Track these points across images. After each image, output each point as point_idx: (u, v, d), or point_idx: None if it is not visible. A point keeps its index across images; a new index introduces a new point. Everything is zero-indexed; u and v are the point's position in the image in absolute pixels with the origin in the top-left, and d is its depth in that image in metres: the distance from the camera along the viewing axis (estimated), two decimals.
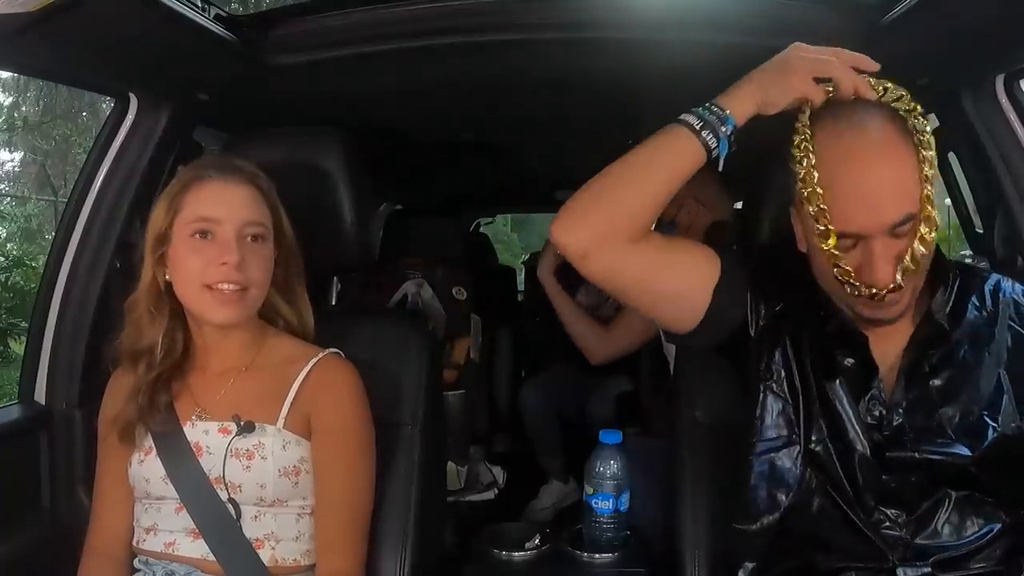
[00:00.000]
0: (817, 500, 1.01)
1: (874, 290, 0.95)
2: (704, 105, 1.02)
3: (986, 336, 1.02)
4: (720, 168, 1.03)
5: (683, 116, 1.03)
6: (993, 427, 0.98)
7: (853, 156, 0.95)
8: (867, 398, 1.02)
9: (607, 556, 1.47)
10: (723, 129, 1.00)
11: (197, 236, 1.11)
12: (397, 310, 2.30)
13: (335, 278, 1.78)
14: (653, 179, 1.02)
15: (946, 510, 0.98)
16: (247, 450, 1.11)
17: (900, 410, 1.01)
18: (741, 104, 1.01)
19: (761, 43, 1.32)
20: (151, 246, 1.13)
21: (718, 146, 1.01)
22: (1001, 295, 1.05)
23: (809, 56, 1.00)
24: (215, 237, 1.11)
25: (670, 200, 1.04)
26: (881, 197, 0.94)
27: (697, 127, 1.00)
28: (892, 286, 0.95)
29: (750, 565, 1.08)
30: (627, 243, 1.01)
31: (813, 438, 1.02)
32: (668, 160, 1.02)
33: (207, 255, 1.10)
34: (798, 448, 1.03)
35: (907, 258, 0.95)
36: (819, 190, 0.96)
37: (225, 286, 1.10)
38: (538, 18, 1.31)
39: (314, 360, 1.17)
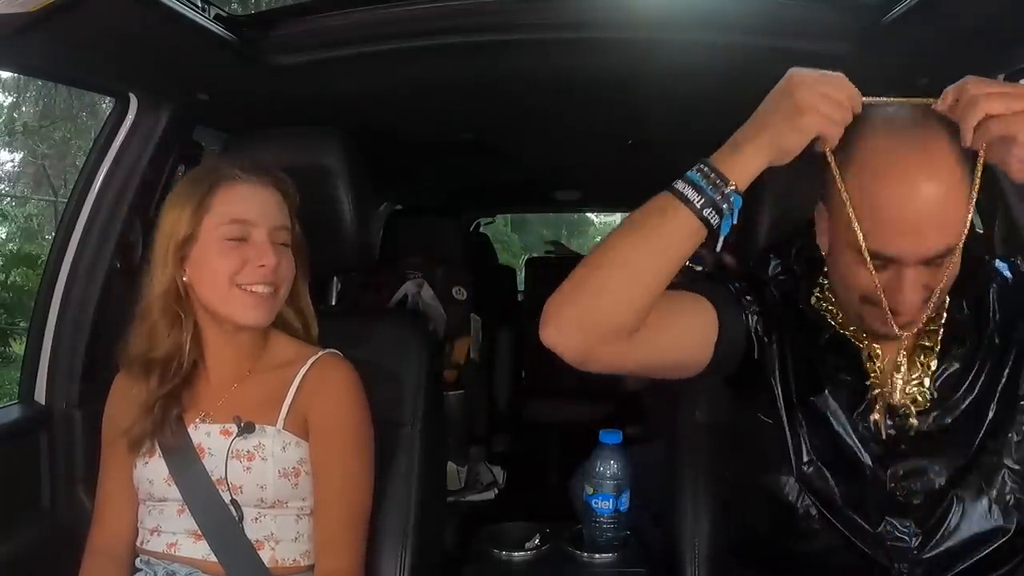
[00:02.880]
0: (816, 519, 1.00)
1: (897, 315, 0.91)
2: (702, 169, 0.89)
3: (985, 328, 1.00)
4: (719, 247, 0.92)
5: (679, 186, 0.89)
6: (995, 410, 0.97)
7: (904, 176, 0.86)
8: (863, 408, 1.00)
9: (607, 556, 1.47)
10: (726, 207, 0.88)
11: (232, 238, 1.11)
12: (397, 310, 2.30)
13: (335, 278, 1.78)
14: (648, 268, 0.89)
15: (953, 519, 0.97)
16: (247, 451, 1.12)
17: (899, 414, 0.99)
18: (748, 166, 0.88)
19: (761, 43, 1.33)
20: (173, 248, 1.11)
21: (720, 224, 0.89)
22: (995, 283, 1.02)
23: (815, 85, 0.87)
24: (249, 239, 1.11)
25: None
26: (924, 225, 0.86)
27: (698, 205, 0.87)
28: (915, 312, 0.90)
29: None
30: (627, 339, 0.92)
31: (808, 458, 1.00)
32: (664, 244, 0.89)
33: (243, 256, 1.10)
34: (793, 468, 1.01)
35: (937, 289, 0.90)
36: (856, 202, 0.88)
37: (259, 288, 1.11)
38: (538, 18, 1.31)
39: (312, 360, 1.17)
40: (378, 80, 1.54)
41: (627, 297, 0.90)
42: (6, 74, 9.50)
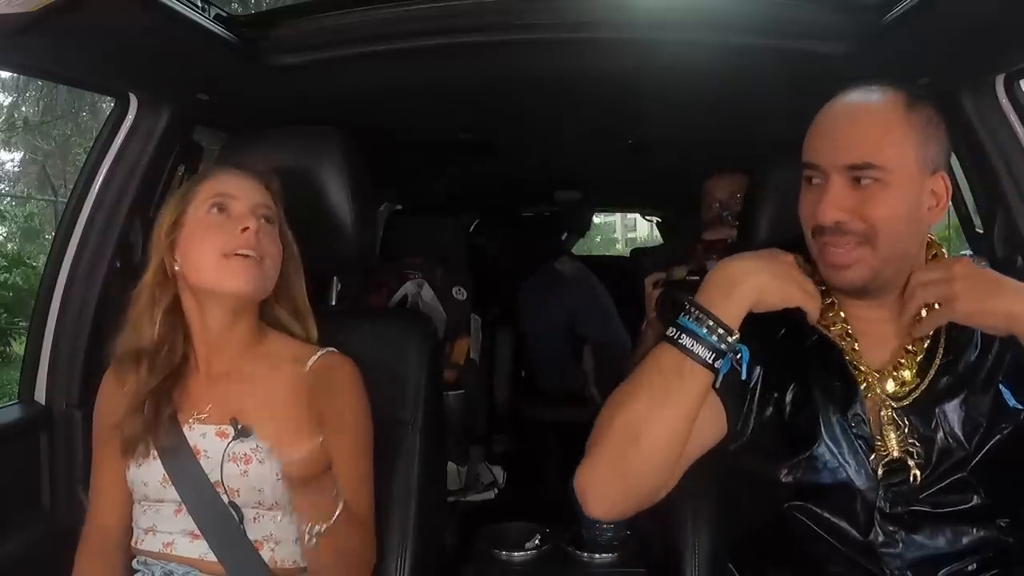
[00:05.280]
0: (807, 525, 1.00)
1: (827, 237, 0.96)
2: (698, 317, 0.94)
3: (984, 340, 1.00)
4: (716, 384, 0.98)
5: (686, 343, 0.94)
6: (989, 431, 0.97)
7: (844, 100, 0.98)
8: (851, 414, 0.99)
9: (607, 556, 1.48)
10: (732, 355, 0.96)
11: (214, 210, 1.13)
12: (397, 310, 2.30)
13: (335, 278, 1.78)
14: (681, 427, 0.95)
15: (942, 530, 0.97)
16: (244, 454, 1.11)
17: (892, 420, 0.98)
18: (738, 311, 0.94)
19: (761, 43, 1.33)
20: (164, 231, 1.15)
21: (721, 367, 0.96)
22: None
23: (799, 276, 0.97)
24: (231, 212, 1.14)
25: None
26: (843, 131, 0.96)
27: (710, 360, 0.94)
28: (832, 226, 0.95)
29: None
30: (664, 490, 0.99)
31: (798, 467, 0.99)
32: (687, 401, 0.95)
33: (225, 226, 1.13)
34: (781, 476, 1.00)
35: (879, 249, 0.94)
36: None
37: (245, 251, 1.12)
38: (538, 18, 1.31)
39: (311, 360, 1.17)
40: (378, 80, 1.54)
41: (667, 459, 0.96)
42: (6, 73, 9.50)
